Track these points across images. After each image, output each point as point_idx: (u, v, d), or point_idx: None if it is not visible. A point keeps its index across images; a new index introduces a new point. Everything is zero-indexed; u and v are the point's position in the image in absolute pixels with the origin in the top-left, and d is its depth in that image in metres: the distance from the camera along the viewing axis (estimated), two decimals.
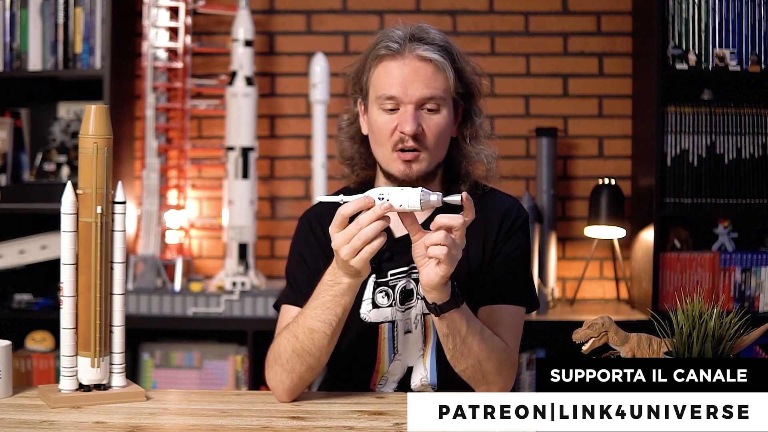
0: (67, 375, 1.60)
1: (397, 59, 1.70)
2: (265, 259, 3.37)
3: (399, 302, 1.77)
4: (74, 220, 1.58)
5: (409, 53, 1.70)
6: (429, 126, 1.70)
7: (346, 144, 1.83)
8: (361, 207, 1.52)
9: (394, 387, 1.78)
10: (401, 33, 1.71)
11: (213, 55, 3.37)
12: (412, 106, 1.69)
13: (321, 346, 1.63)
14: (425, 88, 1.69)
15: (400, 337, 1.78)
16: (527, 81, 3.42)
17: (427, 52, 1.69)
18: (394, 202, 1.52)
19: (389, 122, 1.70)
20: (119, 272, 1.62)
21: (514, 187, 3.35)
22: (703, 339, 1.49)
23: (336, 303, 1.60)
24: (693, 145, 3.13)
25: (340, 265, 1.57)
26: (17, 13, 3.14)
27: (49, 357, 3.12)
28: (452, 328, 1.61)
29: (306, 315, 1.63)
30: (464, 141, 1.78)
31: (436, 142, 1.71)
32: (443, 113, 1.72)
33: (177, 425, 1.51)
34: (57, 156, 3.24)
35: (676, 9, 3.11)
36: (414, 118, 1.68)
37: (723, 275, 3.13)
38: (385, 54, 1.71)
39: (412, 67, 1.69)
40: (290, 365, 1.64)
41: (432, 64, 1.69)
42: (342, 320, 1.62)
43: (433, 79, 1.69)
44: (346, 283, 1.59)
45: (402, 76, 1.69)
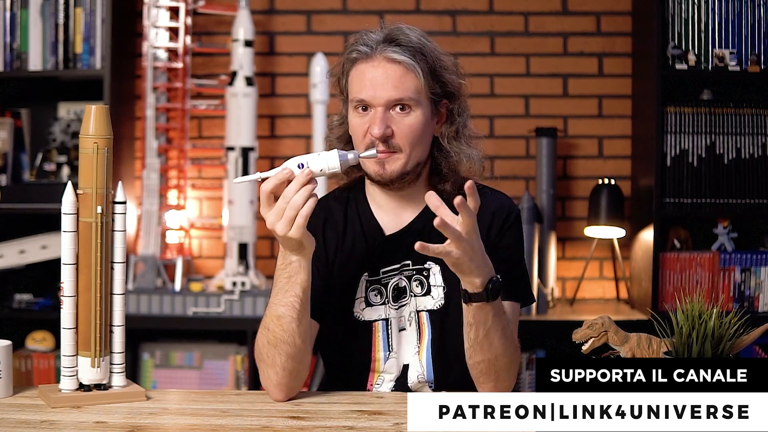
0: (68, 375, 1.60)
1: (368, 62, 1.71)
2: (265, 259, 3.37)
3: (392, 300, 1.78)
4: (74, 220, 1.58)
5: (379, 55, 1.71)
6: (400, 127, 1.70)
7: (335, 144, 1.84)
8: (281, 180, 1.55)
9: (391, 386, 1.78)
10: (375, 36, 1.73)
11: (213, 55, 3.37)
12: (382, 109, 1.69)
13: (291, 330, 1.62)
14: (393, 89, 1.69)
15: (395, 334, 1.78)
16: (527, 81, 3.42)
17: (395, 54, 1.69)
18: (314, 167, 1.57)
19: (362, 124, 1.72)
20: (119, 272, 1.62)
21: (514, 187, 3.36)
22: (703, 339, 1.49)
23: (293, 283, 1.62)
24: (693, 145, 3.13)
25: (282, 243, 1.60)
26: (17, 13, 3.14)
27: (49, 357, 3.13)
28: (478, 319, 1.61)
29: (270, 304, 1.65)
30: (443, 140, 1.78)
31: (409, 142, 1.71)
32: (416, 114, 1.71)
33: (177, 425, 1.51)
34: (57, 156, 3.24)
35: (676, 9, 3.11)
36: (382, 120, 1.69)
37: (723, 275, 3.13)
38: (357, 57, 1.73)
39: (382, 70, 1.70)
40: (270, 358, 1.64)
41: (401, 66, 1.70)
42: (304, 300, 1.62)
43: (402, 80, 1.70)
44: (295, 260, 1.61)
45: (371, 79, 1.70)
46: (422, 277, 1.78)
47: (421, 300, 1.78)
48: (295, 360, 1.64)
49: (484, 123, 3.37)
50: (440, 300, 1.77)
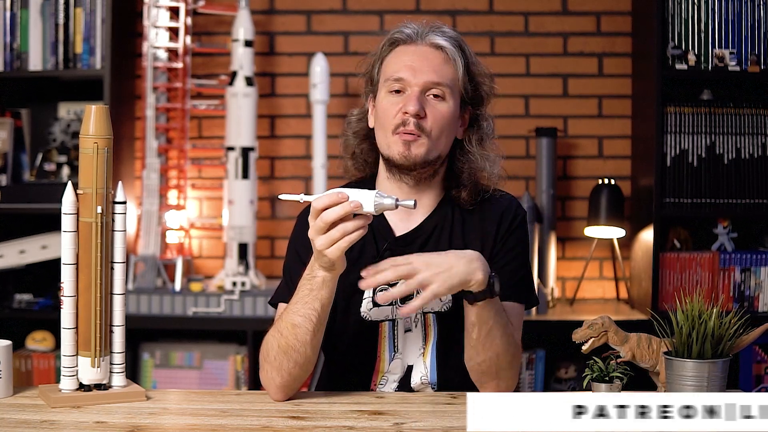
0: (68, 375, 1.60)
1: (409, 45, 1.76)
2: (265, 259, 3.37)
3: (399, 300, 1.78)
4: (74, 220, 1.58)
5: (422, 40, 1.75)
6: (432, 112, 1.72)
7: (351, 139, 1.85)
8: (334, 201, 1.53)
9: (394, 386, 1.78)
10: (416, 25, 1.77)
11: (213, 55, 3.37)
12: (418, 89, 1.72)
13: (304, 341, 1.63)
14: (433, 73, 1.72)
15: (401, 335, 1.78)
16: (527, 81, 3.42)
17: (439, 40, 1.74)
18: (367, 207, 1.54)
19: (395, 104, 1.73)
20: (119, 272, 1.63)
21: (514, 187, 3.36)
22: (703, 339, 1.49)
23: (313, 297, 1.61)
24: (692, 145, 3.13)
25: (317, 256, 1.58)
26: (17, 13, 3.14)
27: (49, 357, 3.13)
28: (480, 318, 1.61)
29: (288, 310, 1.65)
30: (469, 144, 1.79)
31: (438, 129, 1.73)
32: (449, 103, 1.74)
33: (177, 425, 1.51)
34: (57, 156, 3.24)
35: (676, 9, 3.11)
36: (418, 99, 1.71)
37: (722, 275, 3.13)
38: (398, 38, 1.76)
39: (423, 52, 1.74)
40: (278, 362, 1.64)
41: (443, 52, 1.74)
42: (322, 315, 1.62)
43: (442, 66, 1.73)
44: (320, 276, 1.60)
45: (412, 60, 1.73)
46: None
47: None
48: (303, 368, 1.65)
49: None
50: (448, 302, 1.77)
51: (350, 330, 1.79)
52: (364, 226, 1.54)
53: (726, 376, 1.51)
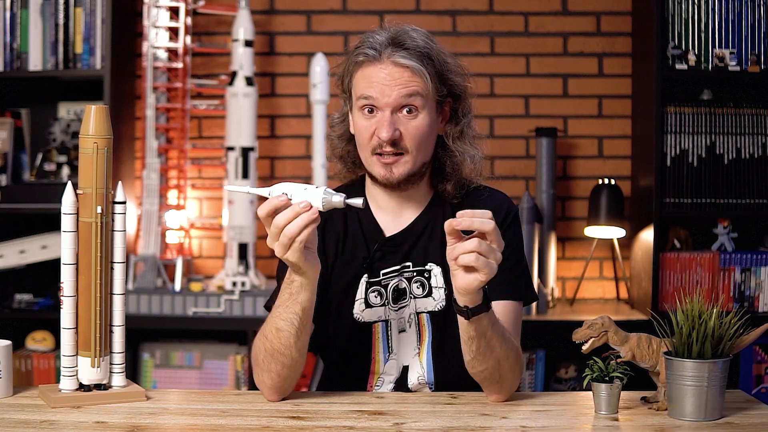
0: (68, 375, 1.60)
1: (374, 64, 1.71)
2: (265, 259, 3.37)
3: (392, 301, 1.78)
4: (74, 220, 1.58)
5: (387, 59, 1.70)
6: (407, 129, 1.71)
7: (336, 142, 1.85)
8: (275, 206, 1.51)
9: (390, 387, 1.78)
10: (381, 38, 1.72)
11: (213, 55, 3.37)
12: (389, 110, 1.70)
13: (288, 344, 1.62)
14: (401, 93, 1.69)
15: (394, 336, 1.78)
16: (527, 81, 3.42)
17: (404, 59, 1.69)
18: (295, 201, 1.51)
19: (368, 126, 1.72)
20: (119, 272, 1.62)
21: (514, 187, 3.36)
22: (703, 339, 1.49)
23: (293, 301, 1.60)
24: (693, 145, 3.13)
25: (286, 261, 1.56)
26: (17, 13, 3.14)
27: (49, 357, 3.13)
28: (479, 331, 1.59)
29: (272, 315, 1.64)
30: (448, 139, 1.79)
31: (416, 145, 1.72)
32: (422, 116, 1.72)
33: (177, 425, 1.51)
34: (57, 156, 3.24)
35: (676, 9, 3.11)
36: (390, 123, 1.69)
37: (722, 275, 3.13)
38: (363, 60, 1.72)
39: (389, 72, 1.70)
40: (266, 365, 1.64)
41: (409, 70, 1.69)
42: (303, 319, 1.61)
43: (409, 81, 1.70)
44: (298, 281, 1.58)
45: (379, 79, 1.70)
46: (423, 278, 1.78)
47: (422, 301, 1.78)
48: (290, 369, 1.65)
49: (484, 123, 3.37)
50: (441, 301, 1.76)
51: (344, 332, 1.79)
52: (309, 223, 1.49)
53: (726, 376, 1.51)
